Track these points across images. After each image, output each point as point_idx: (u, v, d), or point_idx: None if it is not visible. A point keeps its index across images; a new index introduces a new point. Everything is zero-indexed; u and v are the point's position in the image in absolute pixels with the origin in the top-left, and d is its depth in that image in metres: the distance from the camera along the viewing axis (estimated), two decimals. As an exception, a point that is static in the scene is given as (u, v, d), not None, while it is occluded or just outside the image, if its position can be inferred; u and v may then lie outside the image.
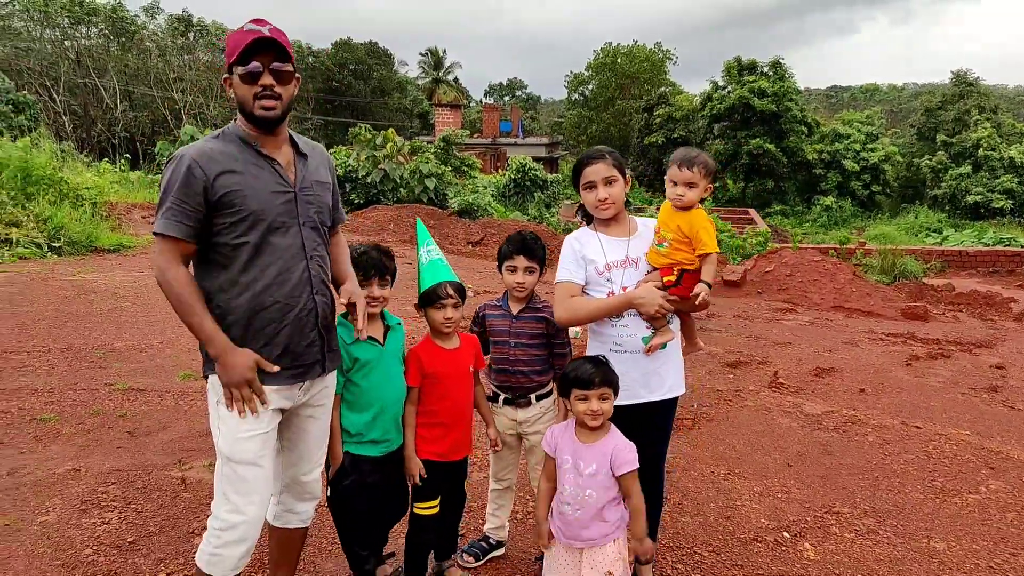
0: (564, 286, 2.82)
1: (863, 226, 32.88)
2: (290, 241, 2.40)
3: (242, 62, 2.31)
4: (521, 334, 3.05)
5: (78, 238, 12.13)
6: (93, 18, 41.55)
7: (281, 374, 2.38)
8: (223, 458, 2.37)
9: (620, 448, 2.55)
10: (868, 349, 8.19)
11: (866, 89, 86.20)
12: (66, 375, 5.74)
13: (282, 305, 2.37)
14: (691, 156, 2.74)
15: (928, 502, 4.17)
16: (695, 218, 2.73)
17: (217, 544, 2.38)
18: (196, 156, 2.28)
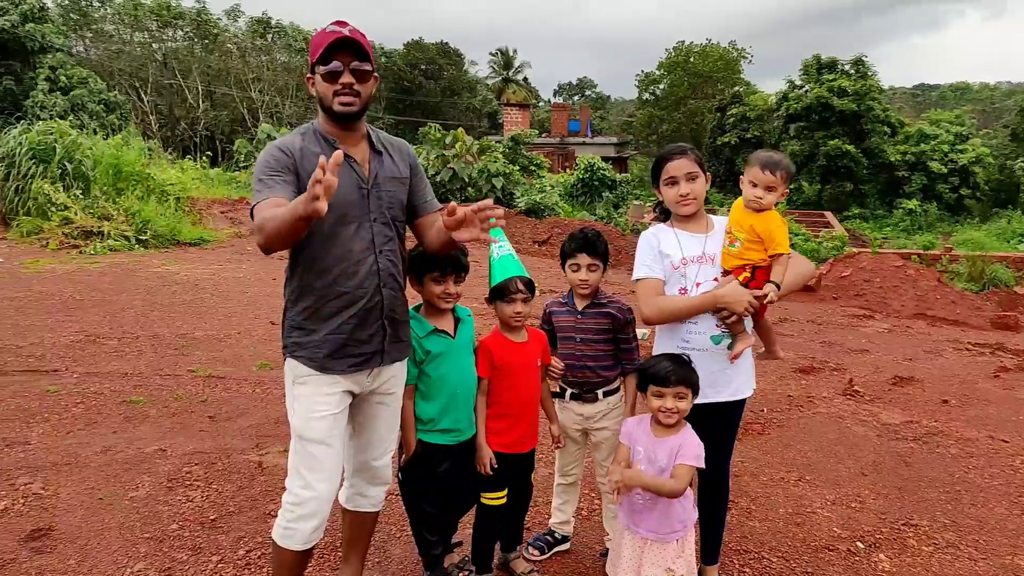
0: (647, 283, 2.79)
1: (950, 231, 31.46)
2: (361, 235, 2.48)
3: (324, 61, 2.41)
4: (587, 330, 3.06)
5: (163, 232, 12.74)
6: (179, 21, 43.45)
7: (342, 361, 2.47)
8: (296, 436, 2.49)
9: (688, 443, 2.55)
10: (952, 359, 7.85)
11: (956, 88, 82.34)
12: (152, 361, 6.04)
13: (350, 295, 2.46)
14: (774, 159, 2.71)
15: (1013, 518, 3.98)
16: (769, 218, 2.71)
17: (290, 518, 2.49)
18: (286, 143, 2.43)
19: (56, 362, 5.87)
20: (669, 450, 2.55)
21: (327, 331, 2.45)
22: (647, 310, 2.77)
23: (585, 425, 3.15)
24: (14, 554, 3.16)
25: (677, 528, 2.60)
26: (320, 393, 2.46)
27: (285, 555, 2.53)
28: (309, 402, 2.45)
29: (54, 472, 3.96)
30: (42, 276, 9.31)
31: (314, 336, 2.46)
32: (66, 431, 4.54)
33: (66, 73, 31.33)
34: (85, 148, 13.45)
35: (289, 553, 2.52)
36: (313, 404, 2.45)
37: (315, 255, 2.44)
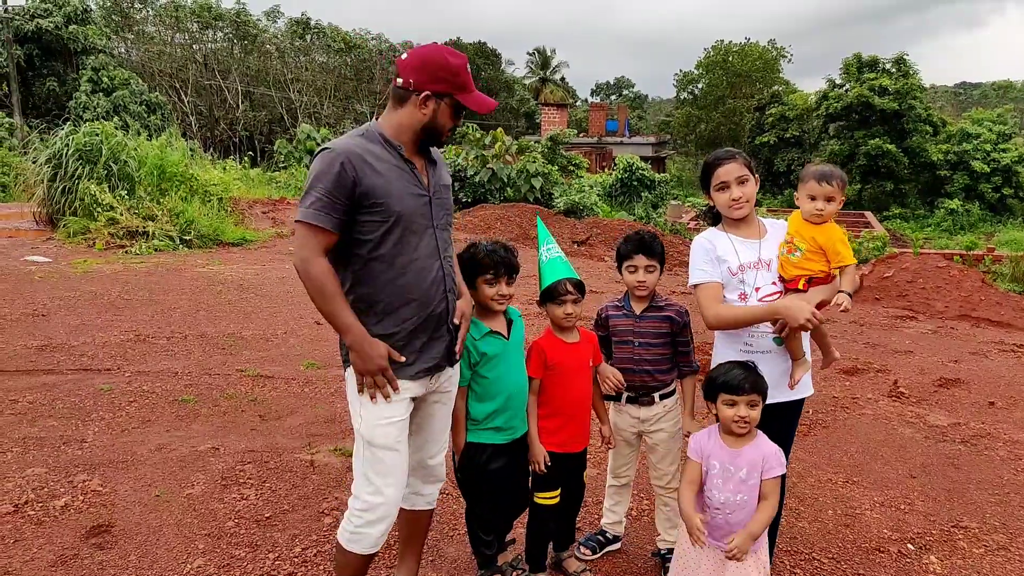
0: (708, 288, 2.79)
1: (992, 231, 30.74)
2: (426, 242, 2.52)
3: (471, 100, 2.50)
4: (646, 333, 3.08)
5: (206, 232, 12.96)
6: (219, 23, 44.18)
7: (414, 367, 2.50)
8: (364, 443, 2.50)
9: (772, 453, 2.55)
10: (998, 361, 7.70)
11: (998, 86, 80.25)
12: (201, 360, 6.18)
13: (419, 303, 2.49)
14: (828, 171, 2.73)
15: (1064, 522, 3.93)
16: (832, 230, 2.73)
17: (359, 523, 2.52)
18: (348, 155, 2.36)
19: (108, 361, 6.04)
20: (749, 462, 2.55)
21: (396, 339, 2.47)
22: (709, 317, 2.78)
23: (641, 428, 3.17)
24: (76, 550, 3.26)
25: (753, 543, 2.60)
26: (388, 400, 2.50)
27: (351, 558, 2.57)
28: (378, 409, 2.47)
29: (111, 469, 4.07)
30: (90, 276, 9.55)
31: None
32: (121, 429, 4.67)
33: (108, 74, 32.06)
34: (130, 149, 13.73)
35: (356, 557, 2.56)
36: (381, 410, 2.48)
37: (384, 265, 2.45)
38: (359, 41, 49.15)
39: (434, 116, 2.47)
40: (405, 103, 2.47)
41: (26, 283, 8.83)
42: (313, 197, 2.33)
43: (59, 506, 3.62)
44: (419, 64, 2.44)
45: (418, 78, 2.43)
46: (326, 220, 2.33)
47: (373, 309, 2.47)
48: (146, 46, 42.91)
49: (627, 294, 3.16)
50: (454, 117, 2.51)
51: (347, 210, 2.36)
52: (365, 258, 2.44)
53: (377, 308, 2.47)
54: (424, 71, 2.43)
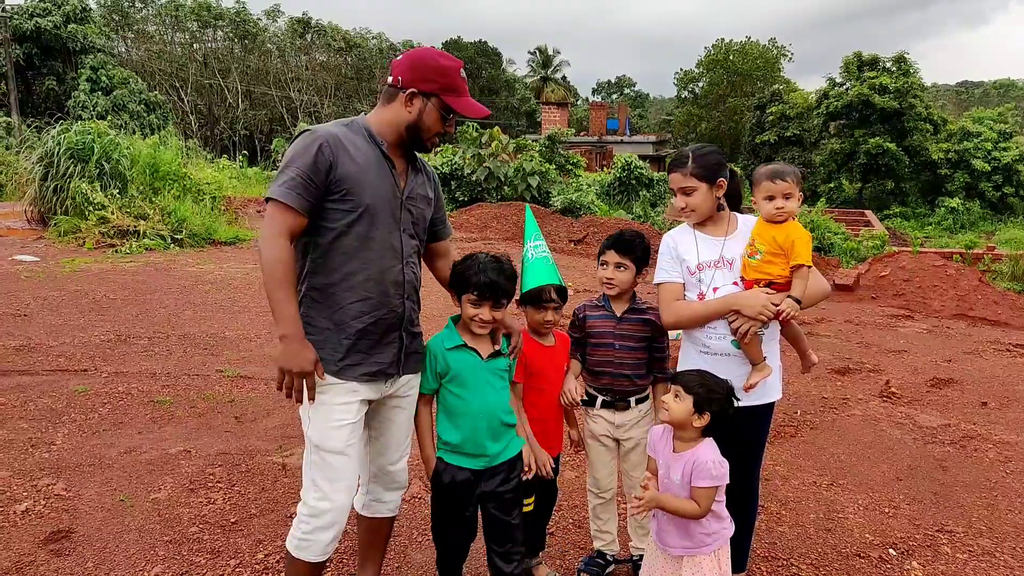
0: (667, 288, 2.76)
1: (993, 230, 30.68)
2: (391, 243, 2.45)
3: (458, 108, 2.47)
4: (626, 336, 2.97)
5: (198, 231, 12.91)
6: (219, 22, 44.22)
7: (360, 367, 2.42)
8: (312, 446, 2.43)
9: (704, 462, 2.42)
10: (993, 360, 7.60)
11: (999, 85, 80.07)
12: (182, 360, 6.10)
13: (375, 302, 2.42)
14: (779, 168, 2.66)
15: (1055, 526, 3.83)
16: (791, 229, 2.63)
17: (306, 530, 2.44)
18: (328, 138, 2.33)
19: (86, 362, 5.96)
20: (683, 466, 2.46)
21: (345, 335, 2.40)
22: (665, 316, 2.76)
23: (616, 434, 3.05)
24: (33, 556, 3.17)
25: (707, 542, 2.50)
26: (338, 402, 2.41)
27: (300, 566, 2.48)
28: (327, 411, 2.40)
29: (78, 473, 3.98)
30: (77, 275, 9.48)
31: (331, 340, 2.40)
32: (92, 432, 4.58)
33: (107, 73, 32.08)
34: (123, 147, 13.69)
35: (305, 565, 2.48)
36: (331, 413, 2.40)
37: (343, 257, 2.38)
38: (359, 40, 49.21)
39: (419, 116, 2.43)
40: (393, 101, 2.45)
41: (11, 282, 8.77)
42: (287, 176, 2.28)
43: (20, 511, 3.53)
44: (409, 63, 2.44)
45: (406, 76, 2.42)
46: (296, 200, 2.27)
47: (326, 301, 2.40)
48: (145, 45, 42.98)
49: (606, 294, 3.07)
50: (442, 120, 2.47)
51: (319, 196, 2.32)
52: (325, 247, 2.38)
53: (330, 300, 2.40)
54: (413, 70, 2.42)
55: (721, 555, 2.53)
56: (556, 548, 3.38)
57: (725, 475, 2.44)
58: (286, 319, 2.26)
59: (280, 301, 2.25)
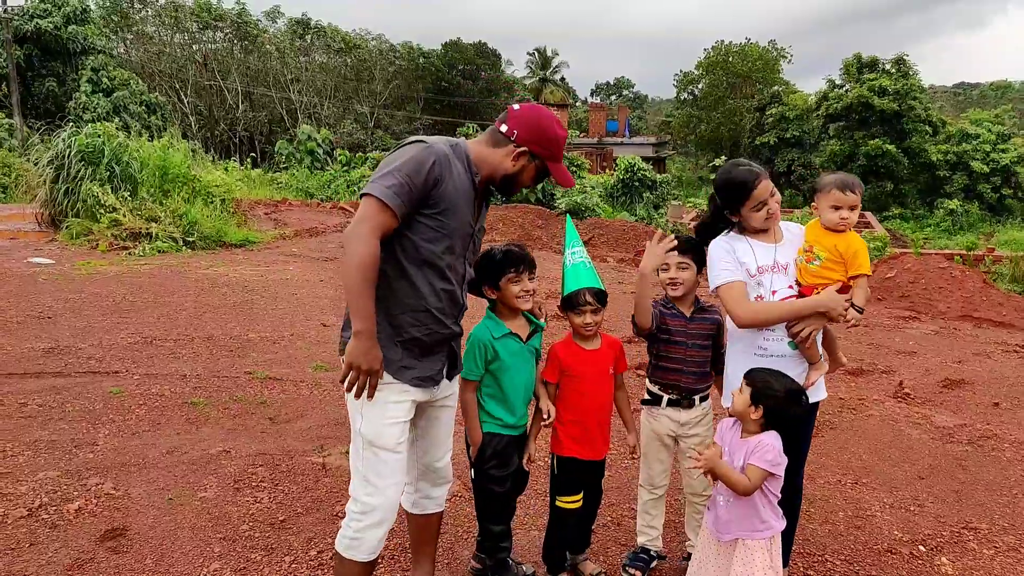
0: (734, 287, 2.78)
1: (992, 231, 30.85)
2: (458, 267, 2.58)
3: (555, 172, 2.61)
4: (696, 335, 3.09)
5: (209, 233, 12.96)
6: (219, 23, 44.17)
7: (413, 371, 2.53)
8: (365, 443, 2.49)
9: (764, 445, 2.56)
10: (1001, 361, 7.73)
11: (997, 86, 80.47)
12: (209, 363, 6.19)
13: (435, 317, 2.53)
14: (851, 180, 2.77)
15: (1073, 522, 3.95)
16: (853, 239, 2.76)
17: (357, 528, 2.51)
18: (441, 155, 2.40)
19: (116, 364, 6.04)
20: (745, 450, 2.59)
21: (400, 338, 2.50)
22: (742, 313, 2.76)
23: (678, 432, 3.15)
24: (92, 553, 3.26)
25: (760, 528, 2.61)
26: (392, 400, 2.50)
27: (351, 568, 2.54)
28: (382, 409, 2.48)
29: (123, 473, 4.07)
30: (94, 278, 9.54)
31: (390, 343, 2.48)
32: (131, 432, 4.67)
33: (108, 75, 32.04)
34: (132, 150, 13.72)
35: (356, 565, 2.53)
36: (386, 410, 2.49)
37: (416, 269, 2.47)
38: (359, 41, 49.19)
39: (520, 171, 2.56)
40: (500, 147, 2.55)
41: (30, 285, 8.83)
42: (395, 179, 2.32)
43: (73, 509, 3.62)
44: (529, 121, 2.54)
45: (523, 134, 2.52)
46: (398, 205, 2.33)
47: (390, 304, 2.48)
48: (145, 46, 42.91)
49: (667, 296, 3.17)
50: (536, 180, 2.61)
51: (415, 206, 2.39)
52: (402, 256, 2.46)
53: (394, 304, 2.49)
54: (531, 130, 2.53)
55: (773, 547, 2.64)
56: (598, 544, 3.48)
57: (781, 467, 2.56)
58: (365, 316, 2.31)
59: (362, 296, 2.30)
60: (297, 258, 12.18)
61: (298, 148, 28.06)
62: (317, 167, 27.64)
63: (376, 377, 2.37)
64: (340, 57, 48.16)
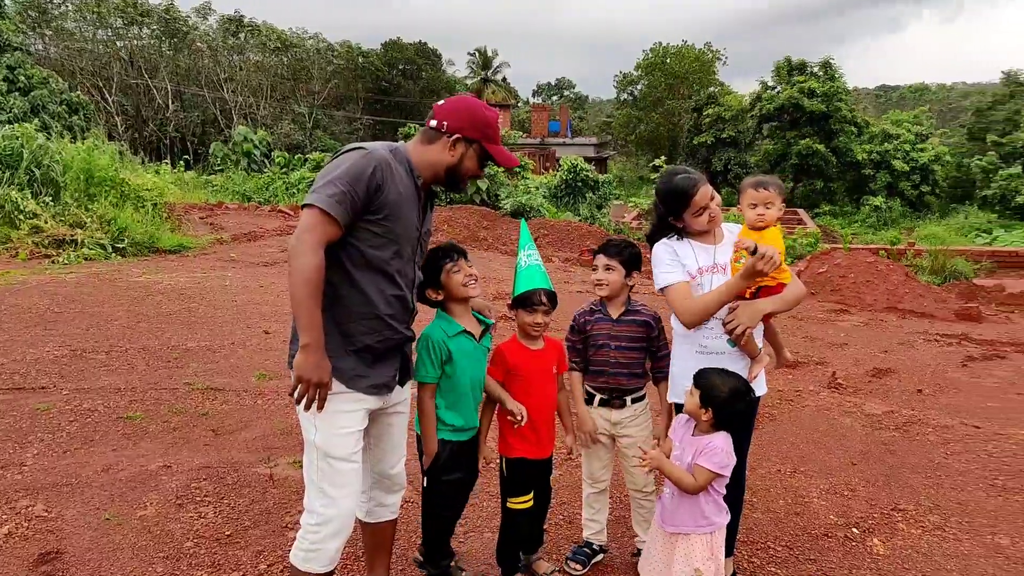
0: (678, 288, 2.86)
1: (912, 226, 32.36)
2: (407, 272, 2.58)
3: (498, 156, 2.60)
4: (622, 337, 3.14)
5: (141, 239, 12.51)
6: (146, 19, 42.66)
7: (368, 379, 2.52)
8: (319, 453, 2.47)
9: (713, 447, 2.64)
10: (923, 350, 8.13)
11: (915, 89, 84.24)
12: (145, 374, 5.99)
13: (386, 323, 2.52)
14: (763, 178, 2.89)
15: (991, 500, 4.21)
16: (768, 236, 2.82)
17: (314, 539, 2.49)
18: (382, 161, 2.41)
19: (43, 379, 5.79)
20: (696, 448, 2.67)
21: (351, 347, 2.49)
22: (685, 315, 2.84)
23: (612, 431, 3.23)
24: (27, 578, 3.14)
25: (703, 524, 2.70)
26: (345, 410, 2.49)
27: None
28: (335, 419, 2.46)
29: (55, 493, 3.90)
30: (13, 288, 9.10)
31: (341, 352, 2.47)
32: (62, 451, 4.48)
33: (25, 73, 30.54)
34: (54, 153, 13.16)
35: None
36: (339, 420, 2.47)
37: (363, 276, 2.46)
38: (296, 40, 48.25)
39: (460, 160, 2.56)
40: (434, 143, 2.55)
41: (-53, 297, 8.40)
42: (337, 188, 2.31)
43: (2, 534, 3.47)
44: (456, 111, 2.55)
45: (454, 123, 2.52)
46: (342, 214, 2.32)
47: (339, 313, 2.47)
48: (66, 43, 41.15)
49: (603, 299, 3.22)
50: (479, 165, 2.60)
51: (360, 213, 2.38)
52: (348, 264, 2.45)
53: (343, 313, 2.47)
54: (458, 117, 2.53)
55: (715, 540, 2.73)
56: (551, 543, 3.53)
57: (728, 469, 2.66)
58: (313, 328, 2.30)
59: (309, 309, 2.29)
60: (236, 263, 11.89)
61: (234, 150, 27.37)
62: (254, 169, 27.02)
63: (326, 389, 2.36)
64: (276, 56, 47.13)
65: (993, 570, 3.44)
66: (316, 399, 2.35)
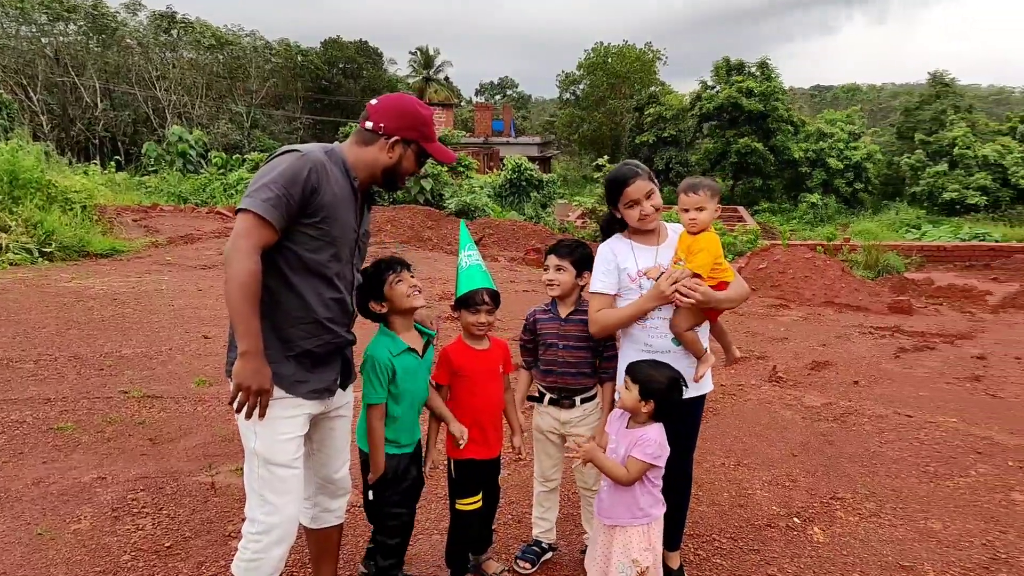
0: (597, 298, 2.96)
1: (847, 223, 33.42)
2: (346, 274, 2.55)
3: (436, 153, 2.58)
4: (569, 336, 3.14)
5: (70, 243, 12.03)
6: (72, 15, 41.01)
7: (308, 384, 2.49)
8: (260, 460, 2.42)
9: (647, 439, 2.67)
10: (859, 343, 8.40)
11: (847, 89, 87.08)
12: (77, 383, 5.77)
13: (325, 327, 2.49)
14: (696, 182, 2.89)
15: (923, 486, 4.37)
16: (701, 239, 2.85)
17: (256, 548, 2.43)
18: (316, 163, 2.36)
19: (-33, 390, 5.53)
20: (629, 441, 2.69)
21: (290, 352, 2.44)
22: (594, 326, 2.98)
23: (562, 430, 3.23)
24: (-46, 598, 3.00)
25: (638, 515, 2.73)
26: (285, 416, 2.44)
27: None
28: (275, 425, 2.41)
29: (-17, 508, 3.73)
30: (-66, 295, 8.68)
31: (280, 357, 2.42)
32: (-10, 464, 4.30)
33: (-57, 71, 29.10)
34: (-27, 154, 12.57)
35: None
36: (279, 426, 2.43)
37: (301, 280, 2.42)
38: (231, 37, 47.03)
39: (399, 160, 2.53)
40: (371, 144, 2.51)
41: None
42: (272, 192, 2.28)
43: (-74, 553, 3.30)
44: (392, 111, 2.52)
45: (390, 124, 2.49)
46: (277, 218, 2.28)
47: (278, 318, 2.42)
48: (-14, 40, 39.27)
49: (555, 299, 3.22)
50: (417, 164, 2.59)
51: (296, 216, 2.34)
52: (285, 268, 2.40)
53: (282, 318, 2.43)
54: (396, 118, 2.50)
55: (652, 532, 2.77)
56: (500, 543, 3.53)
57: (662, 460, 2.69)
58: (251, 335, 2.26)
59: (246, 316, 2.25)
60: (172, 267, 11.53)
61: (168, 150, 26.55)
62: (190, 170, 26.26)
63: (267, 396, 2.32)
64: (211, 54, 45.82)
65: (927, 554, 3.58)
66: (257, 406, 2.30)
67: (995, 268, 17.24)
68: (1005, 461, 4.76)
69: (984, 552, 3.61)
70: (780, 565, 3.46)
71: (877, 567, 3.46)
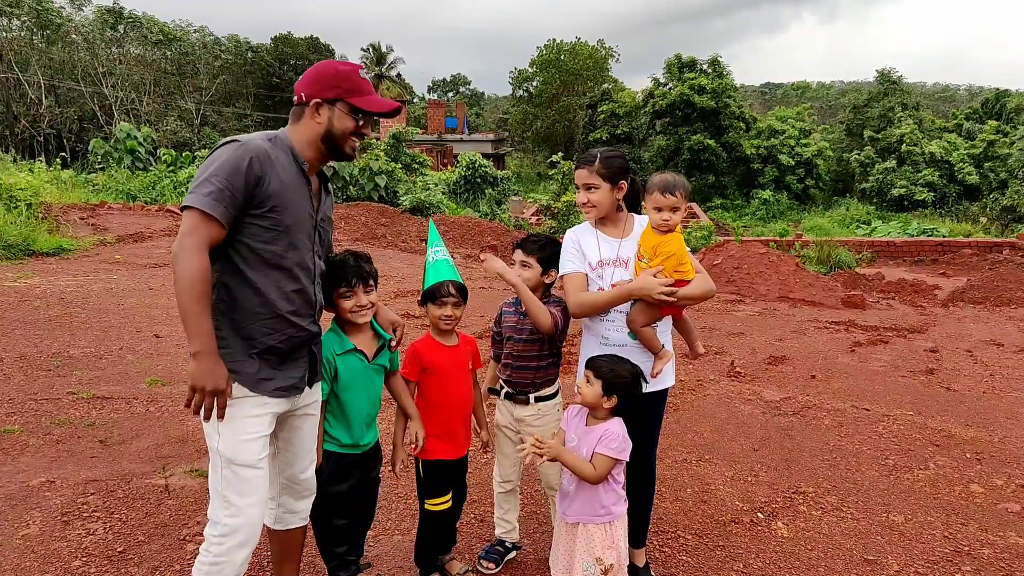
0: (571, 278, 2.95)
1: (799, 219, 34.10)
2: (306, 263, 2.46)
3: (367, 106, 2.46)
4: (524, 330, 3.11)
5: (14, 241, 11.62)
6: (15, 10, 39.62)
7: (274, 382, 2.42)
8: (224, 461, 2.36)
9: (611, 434, 2.66)
10: (815, 337, 8.54)
11: (797, 86, 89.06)
12: (24, 385, 5.56)
13: (288, 320, 2.41)
14: (672, 181, 2.84)
15: (883, 479, 4.44)
16: (669, 241, 2.84)
17: (219, 551, 2.36)
18: (257, 152, 2.28)
19: (-95, 393, 5.28)
20: (592, 438, 2.67)
21: (254, 349, 2.37)
22: (574, 305, 2.94)
23: (517, 427, 3.20)
24: None
25: (600, 513, 2.71)
26: (250, 415, 2.37)
27: None
28: (239, 425, 2.35)
29: (-75, 516, 3.57)
30: None
31: (243, 356, 2.36)
32: (-69, 469, 4.11)
33: None
34: (-87, 152, 12.06)
35: None
36: (243, 426, 2.36)
37: (258, 273, 2.35)
38: (180, 33, 45.97)
39: (330, 123, 2.44)
40: (302, 118, 2.45)
41: None
42: (213, 186, 2.20)
43: None
44: (307, 78, 2.46)
45: (308, 90, 2.43)
46: (222, 212, 2.21)
47: (237, 315, 2.35)
48: (-76, 33, 37.69)
49: None
50: (355, 123, 2.47)
51: (242, 208, 2.27)
52: (240, 262, 2.33)
53: (241, 315, 2.36)
54: (313, 83, 2.43)
55: (614, 528, 2.75)
56: (463, 542, 3.49)
57: (626, 454, 2.68)
58: (202, 334, 2.19)
59: (197, 316, 2.18)
60: (121, 265, 11.19)
61: (116, 147, 25.76)
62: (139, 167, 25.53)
63: (224, 396, 2.25)
64: (159, 49, 44.70)
65: (890, 547, 3.63)
66: (215, 407, 2.23)
67: (943, 263, 17.73)
68: (963, 453, 4.87)
69: (946, 544, 3.67)
70: (746, 561, 3.48)
71: (842, 561, 3.49)
